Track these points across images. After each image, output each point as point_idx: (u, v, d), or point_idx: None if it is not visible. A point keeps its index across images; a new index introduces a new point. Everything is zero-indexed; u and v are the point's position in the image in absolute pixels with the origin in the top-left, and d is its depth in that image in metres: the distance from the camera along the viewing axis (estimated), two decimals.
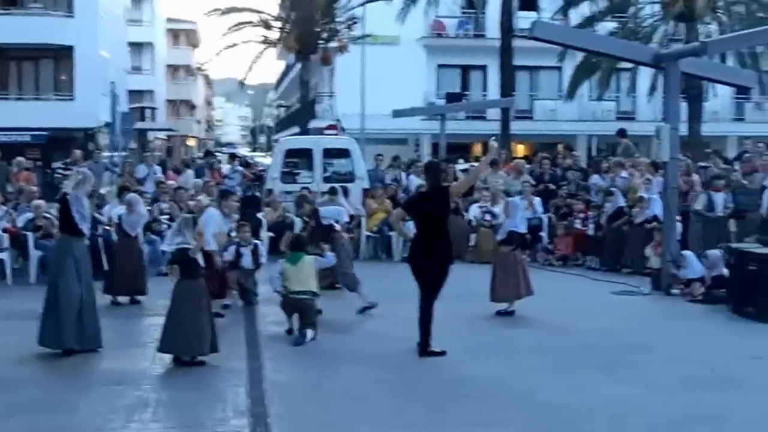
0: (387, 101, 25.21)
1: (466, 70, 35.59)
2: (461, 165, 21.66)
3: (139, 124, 40.32)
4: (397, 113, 22.84)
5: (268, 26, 31.71)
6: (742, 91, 30.26)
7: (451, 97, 27.94)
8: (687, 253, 11.90)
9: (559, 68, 31.26)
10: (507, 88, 25.80)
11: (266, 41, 31.92)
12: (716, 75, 15.45)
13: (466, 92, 33.96)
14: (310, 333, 8.69)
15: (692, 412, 6.36)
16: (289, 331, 8.91)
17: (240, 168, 20.00)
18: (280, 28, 31.56)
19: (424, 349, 8.09)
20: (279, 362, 7.94)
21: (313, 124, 32.98)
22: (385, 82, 29.31)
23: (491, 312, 9.98)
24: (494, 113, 28.82)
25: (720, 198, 13.86)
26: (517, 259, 10.29)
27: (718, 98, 31.33)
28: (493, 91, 30.64)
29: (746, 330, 9.53)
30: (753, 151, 16.85)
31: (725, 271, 11.01)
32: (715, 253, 11.52)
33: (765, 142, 17.69)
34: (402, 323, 8.62)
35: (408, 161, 20.48)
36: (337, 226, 10.61)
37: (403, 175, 18.18)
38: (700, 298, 11.19)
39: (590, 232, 15.24)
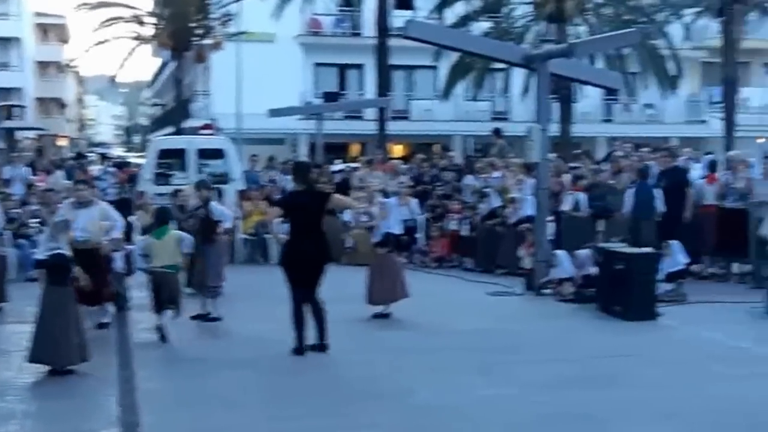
0: (263, 100, 24.82)
1: (343, 69, 35.33)
2: (338, 165, 21.64)
3: (7, 123, 38.56)
4: (274, 112, 22.50)
5: (140, 22, 30.90)
6: (611, 92, 31.01)
7: (329, 97, 27.21)
8: (558, 252, 12.07)
9: (434, 68, 31.27)
10: (383, 87, 25.81)
11: (139, 38, 31.13)
12: (584, 76, 15.69)
13: (343, 91, 33.57)
14: (170, 313, 8.60)
15: (563, 411, 6.49)
16: (162, 338, 8.67)
17: (111, 169, 19.35)
18: (154, 24, 30.79)
19: (299, 347, 8.12)
20: (151, 369, 7.78)
21: (188, 123, 32.24)
22: (261, 80, 28.96)
23: (368, 314, 9.96)
24: (372, 113, 28.74)
25: (583, 198, 14.11)
26: (393, 261, 10.28)
27: (588, 99, 32.18)
28: (371, 91, 30.56)
29: (613, 328, 9.79)
30: (620, 151, 17.13)
31: (594, 271, 11.20)
32: (583, 252, 11.73)
33: (632, 143, 18.23)
34: (279, 326, 8.51)
35: (284, 162, 20.11)
36: (222, 226, 10.31)
37: (280, 175, 17.92)
38: (571, 297, 11.37)
39: (465, 233, 15.31)
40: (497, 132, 19.71)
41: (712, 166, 14.83)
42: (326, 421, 6.24)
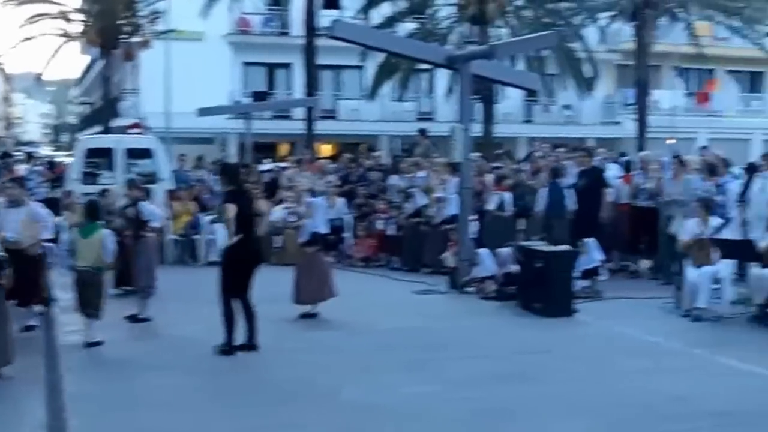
0: (193, 99, 24.26)
1: (271, 68, 34.89)
2: (267, 165, 21.34)
3: None
4: (203, 112, 22.08)
5: (67, 19, 30.11)
6: (531, 93, 31.09)
7: (258, 96, 26.67)
8: (481, 251, 12.12)
9: (361, 68, 31.16)
10: (311, 87, 25.64)
11: (66, 35, 30.32)
12: (505, 77, 15.80)
13: (272, 91, 33.12)
14: (90, 317, 8.43)
15: (484, 407, 6.56)
16: (89, 343, 8.46)
17: (38, 168, 18.87)
18: (81, 21, 30.06)
19: (229, 347, 8.11)
20: (79, 372, 7.62)
21: (117, 122, 31.54)
22: (190, 79, 28.39)
23: (295, 314, 9.90)
24: (300, 112, 28.42)
25: (508, 197, 14.19)
26: (320, 261, 10.21)
27: (510, 100, 32.42)
28: (299, 90, 30.22)
29: (533, 325, 9.91)
30: (539, 151, 17.34)
31: (514, 269, 11.28)
32: (505, 251, 11.81)
33: (550, 144, 18.47)
34: (207, 327, 8.46)
35: (214, 161, 19.83)
36: (151, 225, 10.07)
37: (208, 175, 17.54)
38: (493, 295, 11.42)
39: (391, 232, 15.26)
40: (422, 132, 19.75)
41: (627, 167, 15.00)
42: (255, 422, 6.20)
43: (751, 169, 13.35)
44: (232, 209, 8.23)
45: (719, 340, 9.18)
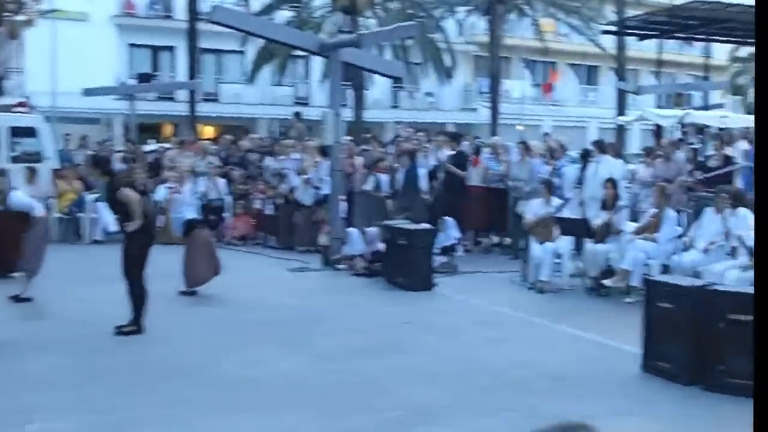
0: (79, 79, 23.03)
1: (156, 50, 33.50)
2: (151, 146, 20.61)
3: None
4: (88, 92, 20.90)
5: None
6: (397, 81, 30.97)
7: (142, 78, 25.41)
8: (351, 230, 12.07)
9: (242, 53, 30.48)
10: (194, 70, 24.93)
11: None
12: (372, 65, 15.70)
13: (156, 73, 31.81)
14: None
15: (352, 379, 6.57)
16: None
17: None
18: None
19: (139, 326, 7.90)
20: None
21: (1, 101, 29.67)
22: (76, 59, 27.05)
23: (175, 292, 9.57)
24: (183, 95, 27.51)
25: (384, 179, 14.08)
26: (204, 241, 9.86)
27: (379, 87, 32.32)
28: (182, 73, 29.19)
29: (398, 299, 9.97)
30: (404, 135, 17.12)
31: (381, 247, 11.28)
32: (372, 230, 11.80)
33: (414, 128, 18.43)
34: (90, 306, 8.22)
35: (100, 141, 19.09)
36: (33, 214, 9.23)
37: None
38: (362, 272, 11.40)
39: (269, 212, 15.00)
40: (297, 116, 19.52)
41: (476, 150, 14.99)
42: (136, 400, 5.99)
43: (586, 155, 13.74)
44: (133, 194, 7.90)
45: (559, 310, 9.46)
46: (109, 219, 10.60)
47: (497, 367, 6.92)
